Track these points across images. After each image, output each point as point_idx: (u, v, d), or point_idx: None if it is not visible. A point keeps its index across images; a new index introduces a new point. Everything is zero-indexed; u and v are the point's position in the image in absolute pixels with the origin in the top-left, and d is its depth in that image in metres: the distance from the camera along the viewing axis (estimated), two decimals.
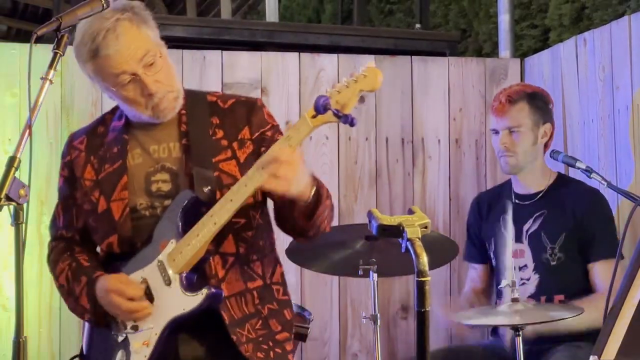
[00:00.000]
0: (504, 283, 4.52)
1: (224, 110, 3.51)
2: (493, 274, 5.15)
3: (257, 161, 3.21)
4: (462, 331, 5.28)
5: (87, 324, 3.57)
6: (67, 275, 3.51)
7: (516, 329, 4.31)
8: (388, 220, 2.88)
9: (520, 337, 4.29)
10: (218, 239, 3.35)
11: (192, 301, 3.31)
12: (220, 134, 3.47)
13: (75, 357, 3.63)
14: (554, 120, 5.04)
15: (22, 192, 3.00)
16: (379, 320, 4.51)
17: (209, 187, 3.36)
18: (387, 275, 4.67)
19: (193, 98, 3.55)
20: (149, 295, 3.37)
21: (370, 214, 2.98)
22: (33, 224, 5.06)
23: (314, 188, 3.24)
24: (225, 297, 3.35)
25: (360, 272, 4.51)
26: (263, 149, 3.38)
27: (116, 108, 3.59)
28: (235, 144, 3.46)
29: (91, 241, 3.55)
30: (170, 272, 3.34)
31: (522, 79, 5.95)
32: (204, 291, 3.31)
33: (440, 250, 4.57)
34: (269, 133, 3.47)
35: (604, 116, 5.33)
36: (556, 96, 5.41)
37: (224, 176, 3.39)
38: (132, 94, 3.38)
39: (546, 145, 4.98)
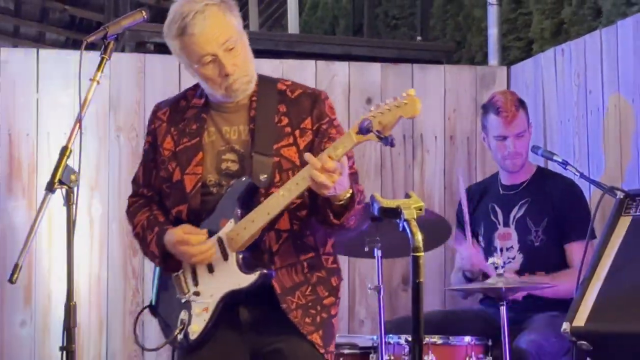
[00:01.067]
0: (490, 260, 4.52)
1: (291, 99, 3.41)
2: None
3: (307, 166, 3.10)
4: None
5: (156, 281, 3.52)
6: (143, 225, 3.45)
7: (500, 299, 4.33)
8: (388, 203, 2.88)
9: (503, 305, 4.31)
10: (277, 218, 3.27)
11: (246, 279, 3.26)
12: (285, 121, 3.37)
13: (146, 307, 3.57)
14: None
15: (73, 177, 3.01)
16: (382, 291, 4.49)
17: (266, 176, 3.27)
18: (391, 257, 4.64)
19: (265, 85, 3.45)
20: (209, 266, 3.32)
21: (372, 198, 2.96)
22: (83, 206, 5.05)
23: (349, 194, 3.17)
24: (276, 268, 3.30)
25: (366, 249, 4.47)
26: (317, 140, 3.33)
27: (197, 85, 3.50)
28: (297, 132, 3.36)
29: (164, 204, 3.48)
30: (227, 249, 3.28)
31: (508, 84, 5.95)
32: (257, 272, 3.25)
33: (436, 230, 4.56)
34: (324, 126, 3.37)
35: (579, 116, 5.33)
36: (537, 99, 5.42)
37: (283, 161, 3.31)
38: (210, 73, 3.29)
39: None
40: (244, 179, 3.31)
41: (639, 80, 4.85)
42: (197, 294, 3.35)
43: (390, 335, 4.53)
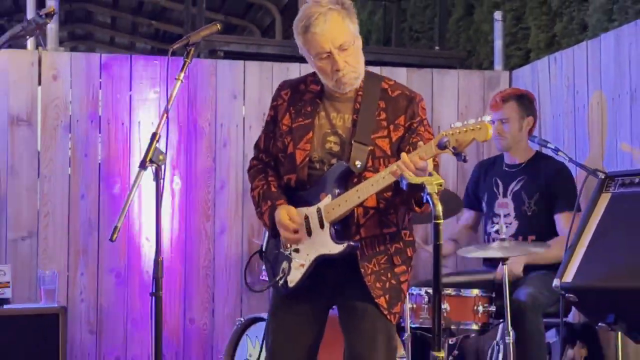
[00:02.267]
0: (496, 227, 4.52)
1: (391, 97, 3.34)
2: (481, 219, 5.15)
3: (398, 161, 3.07)
4: None
5: (267, 233, 3.48)
6: (259, 193, 3.42)
7: (502, 260, 4.34)
8: (415, 179, 2.88)
9: (505, 265, 4.32)
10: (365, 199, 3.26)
11: (336, 247, 3.24)
12: (383, 115, 3.31)
13: (256, 252, 3.56)
14: (536, 114, 4.99)
15: (161, 157, 3.03)
16: None
17: (360, 162, 3.23)
18: (412, 224, 4.63)
19: (371, 81, 3.37)
20: (308, 229, 3.29)
21: (401, 176, 2.97)
22: (167, 181, 5.06)
23: None
24: (361, 238, 3.27)
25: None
26: (407, 135, 3.28)
27: (314, 74, 3.43)
28: (391, 127, 3.29)
29: (277, 169, 3.45)
30: (324, 219, 3.26)
31: (510, 86, 5.90)
32: (346, 243, 3.22)
33: (450, 203, 4.53)
34: (415, 124, 3.30)
35: (568, 112, 5.30)
36: (536, 97, 5.33)
37: (377, 150, 3.26)
38: (325, 66, 3.24)
39: (530, 131, 4.91)
40: (342, 163, 3.27)
41: (618, 83, 4.81)
42: (296, 251, 3.33)
43: (413, 288, 4.53)
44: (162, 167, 3.06)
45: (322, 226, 3.26)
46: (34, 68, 5.24)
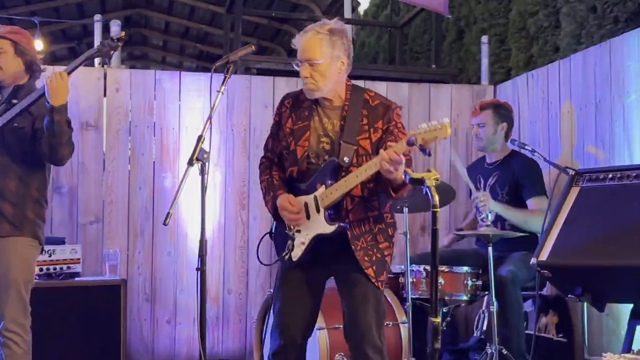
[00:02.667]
0: (482, 216, 4.50)
1: (372, 106, 3.36)
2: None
3: (377, 156, 3.11)
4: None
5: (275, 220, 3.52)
6: (266, 185, 3.48)
7: (488, 240, 4.32)
8: (415, 175, 2.88)
9: (490, 246, 4.30)
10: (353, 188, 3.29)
11: (329, 228, 3.27)
12: (365, 121, 3.33)
13: (266, 234, 3.57)
14: (512, 121, 4.95)
15: (205, 156, 3.06)
16: (407, 235, 4.46)
17: (348, 158, 3.27)
18: (413, 212, 4.62)
19: (355, 93, 3.40)
20: (307, 213, 3.32)
21: (405, 172, 2.98)
22: (210, 176, 5.05)
23: (403, 178, 3.13)
24: (350, 221, 3.30)
25: (398, 207, 4.45)
26: (384, 136, 3.29)
27: None
28: (372, 130, 3.32)
29: (283, 165, 3.48)
30: (320, 205, 3.29)
31: (494, 98, 5.83)
32: (337, 224, 3.27)
33: (445, 194, 4.50)
34: (391, 127, 3.33)
35: (543, 119, 5.26)
36: (515, 108, 5.32)
37: (360, 149, 3.29)
38: (300, 71, 3.31)
39: (507, 135, 4.88)
40: (334, 159, 3.30)
41: (585, 95, 4.78)
42: (298, 232, 3.36)
43: (413, 265, 4.52)
44: (206, 164, 3.08)
45: (318, 211, 3.30)
46: (100, 82, 5.26)
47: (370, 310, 3.31)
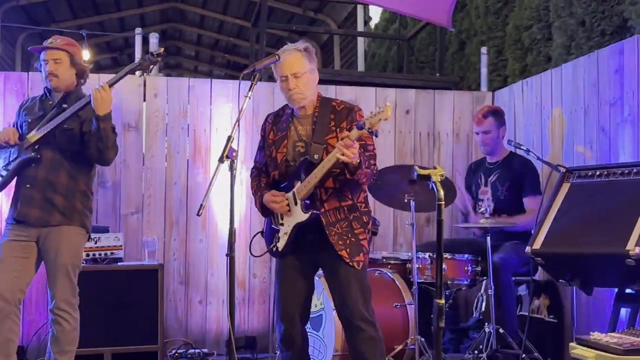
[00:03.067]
0: (481, 209, 4.49)
1: (338, 110, 3.44)
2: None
3: (336, 146, 3.18)
4: None
5: (265, 220, 3.59)
6: (255, 189, 3.58)
7: (486, 230, 4.34)
8: (422, 171, 2.88)
9: (489, 236, 4.31)
10: (323, 180, 3.32)
11: (304, 216, 3.34)
12: (332, 123, 3.40)
13: (258, 233, 3.65)
14: (505, 123, 4.95)
15: (234, 153, 3.07)
16: (415, 226, 4.45)
17: (317, 155, 3.33)
18: (420, 208, 4.59)
19: (324, 103, 3.48)
20: (289, 206, 3.38)
21: (413, 169, 2.97)
22: (238, 171, 5.06)
23: (358, 162, 3.19)
24: (325, 210, 3.35)
25: (405, 201, 4.43)
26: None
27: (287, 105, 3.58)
28: (338, 130, 3.38)
29: (268, 171, 3.56)
30: (297, 198, 3.35)
31: (492, 103, 5.81)
32: (310, 212, 3.33)
33: (446, 190, 4.44)
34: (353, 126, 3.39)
35: (536, 122, 5.22)
36: (511, 112, 5.33)
37: (329, 147, 3.33)
38: (283, 86, 3.39)
39: (503, 136, 4.86)
40: (306, 158, 3.37)
41: (574, 101, 4.75)
42: (281, 224, 3.44)
43: (419, 253, 4.51)
44: (235, 161, 3.08)
45: (295, 203, 3.36)
46: (140, 89, 5.27)
47: (354, 289, 3.36)
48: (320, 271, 3.65)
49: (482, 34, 6.61)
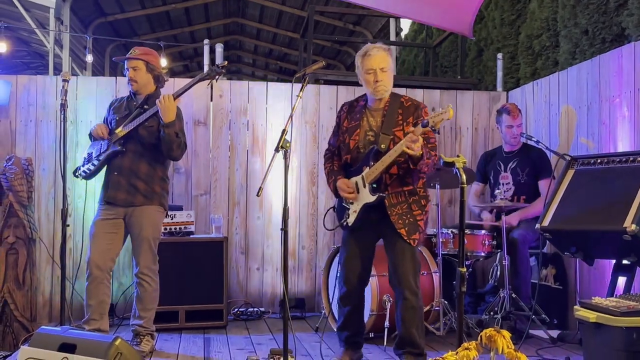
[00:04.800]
0: (498, 192, 4.42)
1: (406, 106, 3.39)
2: (487, 189, 5.00)
3: (403, 139, 3.15)
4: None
5: (337, 198, 3.56)
6: (328, 171, 3.53)
7: (501, 210, 4.30)
8: (448, 159, 2.86)
9: (504, 216, 4.26)
10: (389, 167, 3.29)
11: (372, 198, 3.31)
12: (400, 118, 3.36)
13: (330, 208, 3.62)
14: None
15: (288, 144, 3.05)
16: (439, 206, 4.42)
17: (385, 145, 3.29)
18: (443, 188, 4.56)
19: (394, 97, 3.43)
20: (357, 189, 3.36)
21: (439, 157, 2.95)
22: (290, 160, 5.08)
23: (420, 153, 3.16)
24: (388, 193, 3.32)
25: (431, 184, 4.40)
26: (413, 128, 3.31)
27: (362, 96, 3.51)
28: (404, 123, 3.34)
29: (341, 155, 3.52)
30: (365, 181, 3.32)
31: (507, 102, 5.71)
32: (377, 195, 3.30)
33: (467, 175, 4.39)
34: (420, 121, 3.30)
35: (545, 117, 5.13)
36: (523, 109, 5.22)
37: (395, 138, 3.30)
38: (369, 78, 3.34)
39: None
40: (374, 146, 3.32)
41: (578, 99, 4.65)
42: (352, 204, 3.40)
43: (443, 229, 4.48)
44: (288, 151, 3.07)
45: (365, 186, 3.33)
46: (208, 90, 5.30)
47: (407, 262, 3.33)
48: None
49: (498, 42, 6.51)
